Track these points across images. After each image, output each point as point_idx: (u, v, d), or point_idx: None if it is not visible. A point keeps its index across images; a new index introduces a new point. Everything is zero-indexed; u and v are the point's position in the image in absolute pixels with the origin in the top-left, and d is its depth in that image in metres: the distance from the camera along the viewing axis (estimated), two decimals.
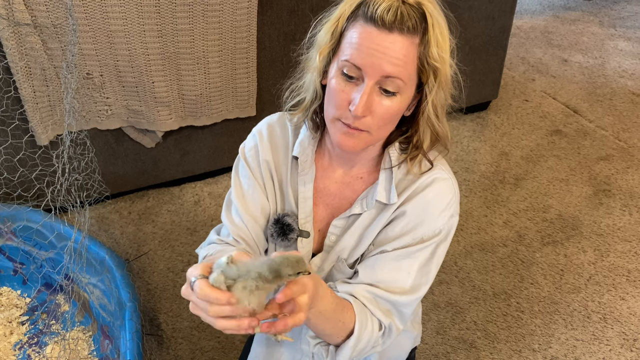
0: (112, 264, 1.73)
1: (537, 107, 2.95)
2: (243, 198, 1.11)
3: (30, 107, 1.85)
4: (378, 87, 0.93)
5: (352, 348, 0.99)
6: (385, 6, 0.90)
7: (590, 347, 1.84)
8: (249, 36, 2.01)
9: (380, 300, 1.03)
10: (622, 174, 2.53)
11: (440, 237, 1.03)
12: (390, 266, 1.03)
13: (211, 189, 2.39)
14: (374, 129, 0.97)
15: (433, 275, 1.06)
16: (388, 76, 0.91)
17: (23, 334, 1.79)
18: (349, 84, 0.94)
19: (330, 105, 0.98)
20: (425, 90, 0.97)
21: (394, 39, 0.90)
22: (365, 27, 0.91)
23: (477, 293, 2.01)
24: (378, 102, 0.94)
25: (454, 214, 1.05)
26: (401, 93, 0.94)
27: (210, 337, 1.85)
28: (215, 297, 0.76)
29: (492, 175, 2.52)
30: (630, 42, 3.53)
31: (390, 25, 0.89)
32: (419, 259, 1.03)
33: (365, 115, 0.94)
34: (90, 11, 1.77)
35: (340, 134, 0.98)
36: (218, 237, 1.12)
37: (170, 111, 2.06)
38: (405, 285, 1.02)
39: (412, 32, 0.91)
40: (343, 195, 1.10)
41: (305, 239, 1.11)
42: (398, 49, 0.90)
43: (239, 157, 1.15)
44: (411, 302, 1.03)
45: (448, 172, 1.06)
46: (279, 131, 1.13)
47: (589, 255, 2.15)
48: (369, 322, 1.00)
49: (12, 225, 1.83)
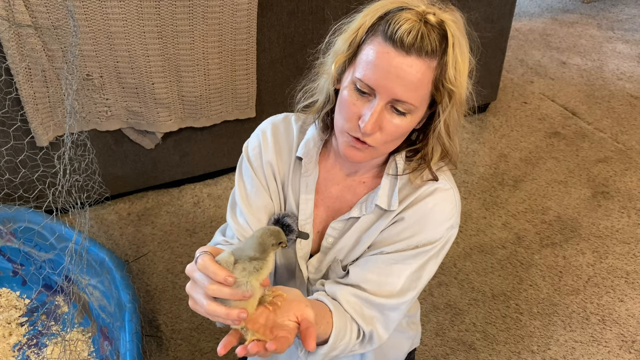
0: (111, 265, 1.73)
1: (536, 109, 2.96)
2: (247, 198, 1.11)
3: (30, 108, 1.85)
4: (390, 106, 0.93)
5: (323, 355, 0.98)
6: (406, 27, 0.88)
7: (589, 348, 1.84)
8: (249, 38, 2.02)
9: (365, 305, 1.02)
10: (621, 176, 2.54)
11: (436, 247, 1.03)
12: (381, 269, 1.02)
13: (210, 190, 2.40)
14: (381, 144, 0.96)
15: (423, 283, 1.04)
16: (398, 100, 0.91)
17: (22, 335, 1.79)
18: (360, 99, 0.94)
19: (340, 116, 0.98)
20: (439, 110, 0.96)
21: (411, 62, 0.89)
22: (383, 46, 0.90)
23: (476, 295, 2.01)
24: (388, 120, 0.93)
25: (454, 225, 1.04)
26: (412, 114, 0.94)
27: (210, 339, 1.85)
28: (214, 271, 0.76)
29: (491, 177, 2.53)
30: (629, 45, 3.54)
31: (408, 47, 0.88)
32: (411, 266, 1.02)
33: (374, 133, 0.94)
34: (91, 12, 1.77)
35: (347, 146, 0.98)
36: (224, 238, 1.12)
37: (170, 112, 2.07)
38: (394, 289, 1.01)
39: (429, 56, 0.90)
40: (344, 198, 1.11)
41: (304, 241, 1.11)
42: (414, 72, 0.89)
43: (242, 156, 1.15)
44: (398, 305, 1.02)
45: (451, 182, 1.05)
46: (283, 131, 1.13)
47: (587, 257, 2.15)
48: (347, 331, 0.99)
49: (12, 226, 1.83)
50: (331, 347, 0.97)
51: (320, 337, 0.96)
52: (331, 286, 1.05)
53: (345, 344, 0.99)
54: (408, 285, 1.02)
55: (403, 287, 1.02)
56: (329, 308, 0.99)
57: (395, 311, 1.03)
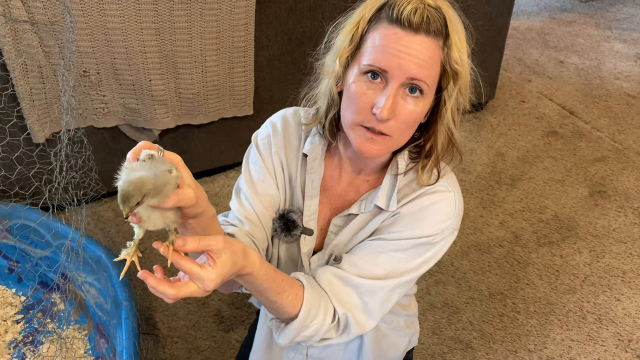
0: (108, 263, 1.73)
1: (534, 108, 2.96)
2: (252, 184, 1.10)
3: (26, 104, 1.84)
4: (403, 90, 0.92)
5: (294, 331, 0.96)
6: (411, 8, 0.89)
7: (586, 347, 1.84)
8: (247, 35, 2.01)
9: (342, 283, 1.00)
10: (618, 175, 2.54)
11: (428, 243, 1.01)
12: (366, 254, 1.01)
13: (207, 187, 2.39)
14: (397, 133, 0.95)
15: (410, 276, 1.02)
16: (413, 78, 0.91)
17: (18, 333, 1.79)
18: (371, 87, 0.93)
19: (349, 111, 0.96)
20: (444, 96, 0.96)
21: (420, 40, 0.90)
22: (390, 29, 0.90)
23: (473, 293, 2.01)
24: (402, 105, 0.93)
25: (450, 227, 1.02)
26: (425, 97, 0.94)
27: (207, 337, 1.85)
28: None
29: (489, 175, 2.53)
30: (626, 44, 3.55)
31: (417, 27, 0.89)
32: (398, 257, 1.00)
33: (390, 118, 0.93)
34: (88, 8, 1.76)
35: (362, 139, 0.96)
36: (224, 219, 1.10)
37: (167, 109, 2.06)
38: (373, 273, 1.00)
39: (436, 35, 0.91)
40: (347, 196, 1.10)
41: (308, 237, 1.11)
42: (425, 50, 0.90)
43: (251, 145, 1.13)
44: (375, 288, 1.00)
45: (454, 186, 1.04)
46: (293, 125, 1.12)
47: (584, 256, 2.15)
48: (320, 310, 0.97)
49: (8, 223, 1.82)
50: (301, 323, 0.95)
51: (287, 309, 0.95)
52: (316, 267, 1.05)
53: (318, 324, 0.97)
54: (389, 273, 1.00)
55: (384, 273, 1.00)
56: (302, 282, 0.98)
57: (374, 296, 1.00)
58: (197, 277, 0.77)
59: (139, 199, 0.71)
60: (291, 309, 0.95)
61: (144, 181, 0.71)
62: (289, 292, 0.94)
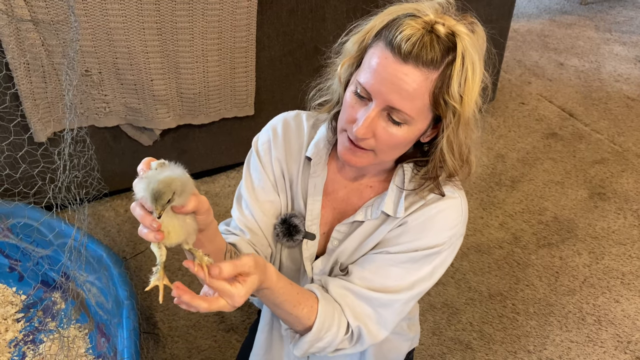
0: (109, 262, 1.73)
1: (533, 110, 2.96)
2: (253, 191, 1.11)
3: (29, 104, 1.84)
4: (386, 113, 0.91)
5: (309, 343, 0.97)
6: (406, 34, 0.86)
7: (585, 349, 1.85)
8: (248, 35, 2.01)
9: (355, 297, 1.00)
10: (617, 177, 2.55)
11: (437, 252, 1.01)
12: (378, 268, 1.02)
13: (208, 187, 2.39)
14: (380, 150, 0.95)
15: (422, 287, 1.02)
16: (393, 107, 0.90)
17: (18, 332, 1.79)
18: (359, 102, 0.93)
19: (342, 117, 0.97)
20: (443, 125, 0.94)
21: (407, 70, 0.87)
22: (383, 52, 0.89)
23: (472, 294, 2.02)
24: (383, 128, 0.92)
25: (457, 234, 1.03)
26: (409, 124, 0.92)
27: (207, 336, 1.85)
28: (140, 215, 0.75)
29: (489, 177, 2.53)
30: (626, 47, 3.56)
31: (405, 55, 0.86)
32: (409, 269, 1.01)
33: (366, 138, 0.93)
34: (90, 8, 1.76)
35: (344, 148, 0.97)
36: (226, 228, 1.11)
37: (169, 109, 2.06)
38: (386, 286, 1.00)
39: (428, 66, 0.87)
40: (350, 201, 1.10)
41: (311, 241, 1.11)
42: (409, 81, 0.87)
43: (251, 150, 1.14)
44: (389, 302, 1.00)
45: (459, 191, 1.04)
46: (294, 129, 1.12)
47: (584, 258, 2.16)
48: (334, 322, 0.98)
49: (10, 222, 1.82)
50: (315, 335, 0.96)
51: (302, 321, 0.96)
52: (325, 278, 1.04)
53: (332, 336, 0.98)
54: (403, 286, 1.01)
55: (397, 286, 1.00)
56: (316, 295, 0.98)
57: (389, 309, 1.01)
58: (228, 295, 0.79)
59: (170, 196, 0.73)
60: (306, 320, 0.96)
61: (173, 178, 0.73)
62: (305, 304, 0.95)
